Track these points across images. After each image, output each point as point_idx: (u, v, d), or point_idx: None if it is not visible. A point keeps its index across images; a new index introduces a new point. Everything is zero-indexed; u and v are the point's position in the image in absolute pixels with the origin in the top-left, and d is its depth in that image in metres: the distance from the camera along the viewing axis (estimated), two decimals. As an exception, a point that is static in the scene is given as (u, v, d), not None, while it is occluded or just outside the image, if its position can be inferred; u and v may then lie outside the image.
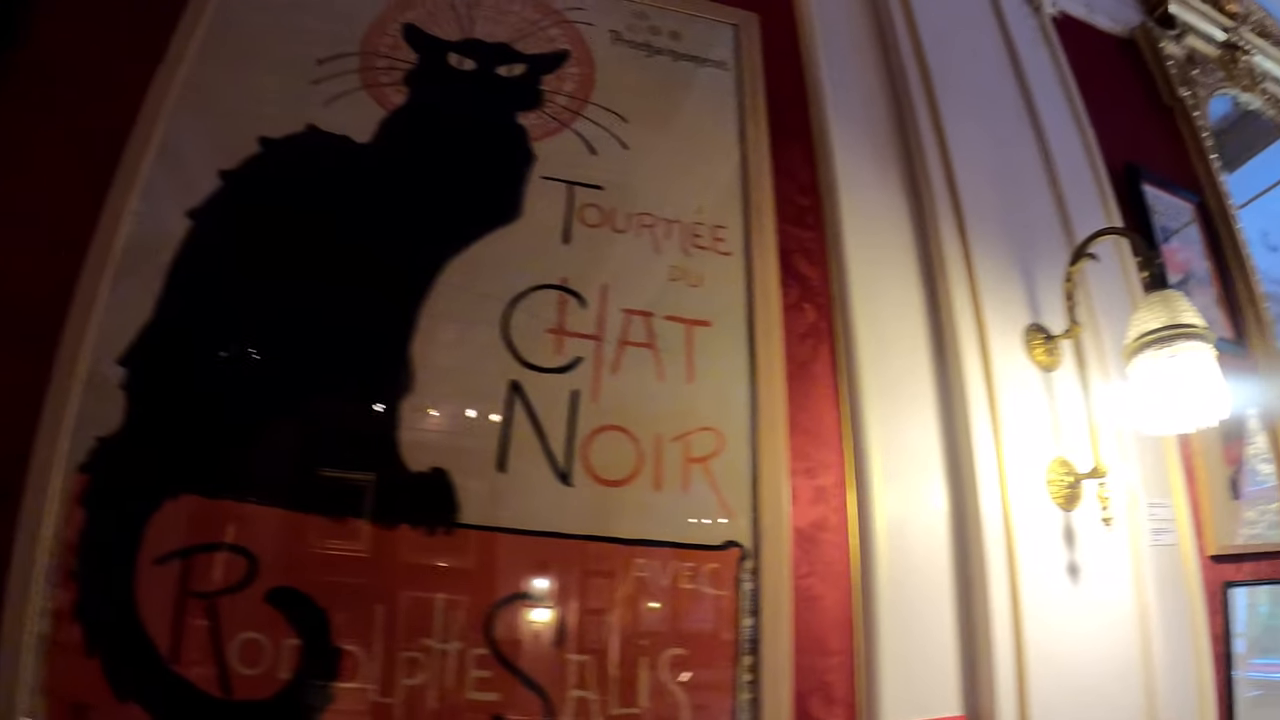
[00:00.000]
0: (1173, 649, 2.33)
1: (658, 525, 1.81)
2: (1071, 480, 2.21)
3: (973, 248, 2.32)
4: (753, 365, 1.98)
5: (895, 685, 1.87)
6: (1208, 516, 2.67)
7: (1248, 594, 2.81)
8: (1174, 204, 3.19)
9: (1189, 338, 1.94)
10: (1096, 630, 2.17)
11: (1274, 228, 3.88)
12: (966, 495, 2.09)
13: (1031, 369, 2.29)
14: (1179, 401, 1.95)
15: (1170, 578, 2.42)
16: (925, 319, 2.24)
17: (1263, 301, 3.16)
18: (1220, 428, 2.74)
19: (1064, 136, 2.83)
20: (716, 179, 2.19)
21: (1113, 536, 2.27)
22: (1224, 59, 4.04)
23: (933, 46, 2.63)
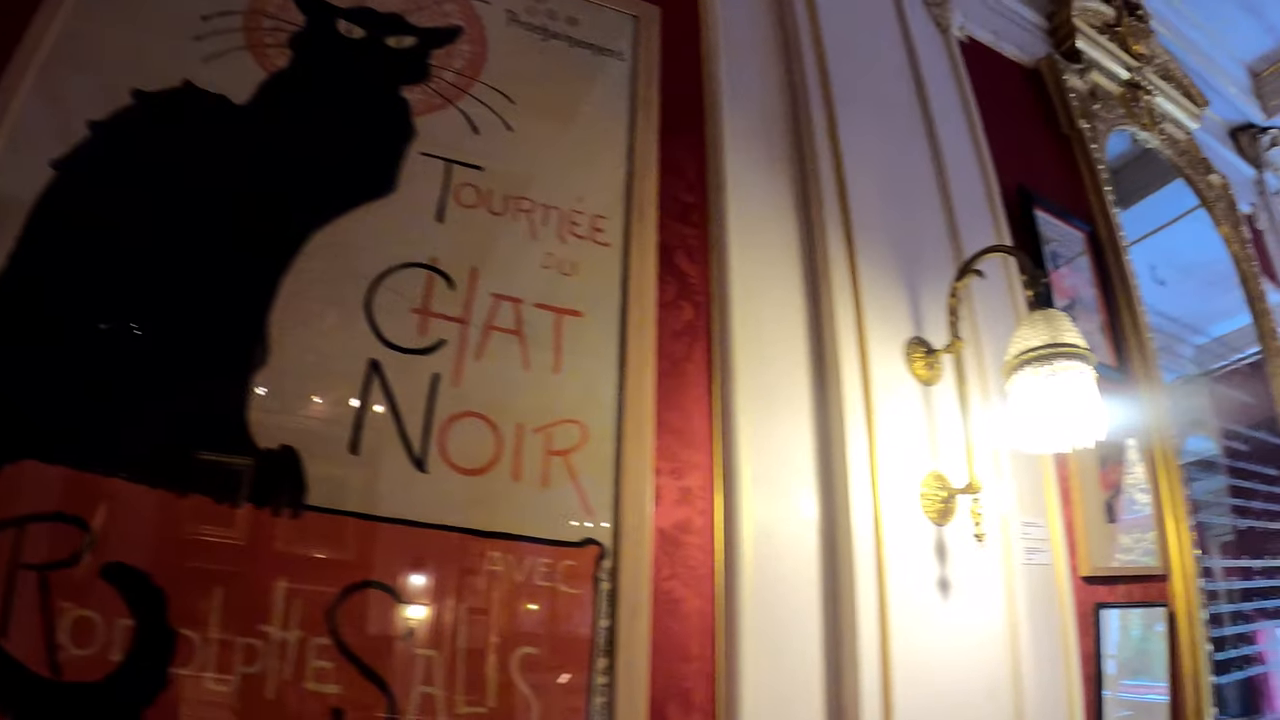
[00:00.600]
0: (1043, 667, 2.34)
1: (514, 518, 1.74)
2: (945, 495, 2.19)
3: (859, 257, 2.30)
4: (623, 360, 1.93)
5: (757, 695, 1.82)
6: (1082, 538, 2.70)
7: (1120, 616, 2.83)
8: (1066, 231, 3.23)
9: (1069, 357, 1.93)
10: (966, 646, 2.16)
11: (1163, 263, 3.95)
12: (838, 505, 2.06)
13: (911, 381, 2.27)
14: (1056, 420, 1.95)
15: (1042, 597, 2.43)
16: (806, 325, 2.21)
17: (1146, 331, 3.21)
18: (1098, 451, 2.76)
19: (960, 156, 2.84)
20: (601, 169, 2.14)
21: (985, 553, 2.26)
22: (1126, 97, 4.12)
23: (836, 56, 2.62)
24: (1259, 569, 3.81)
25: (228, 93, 1.88)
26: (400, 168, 1.94)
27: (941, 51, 3.11)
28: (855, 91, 2.61)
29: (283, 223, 1.77)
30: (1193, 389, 4.07)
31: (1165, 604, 2.95)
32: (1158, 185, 4.41)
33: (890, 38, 2.92)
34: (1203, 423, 4.02)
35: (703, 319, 2.11)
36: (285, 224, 1.78)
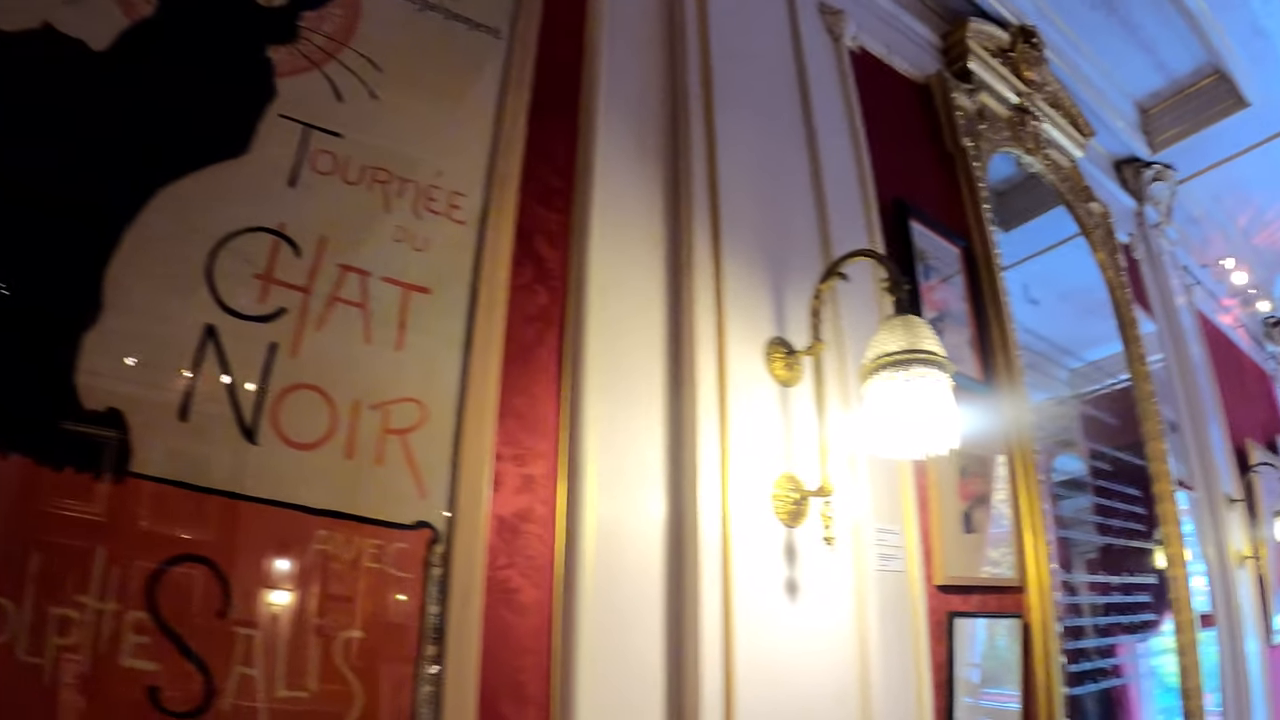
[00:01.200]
0: (893, 673, 2.35)
1: (345, 497, 1.67)
2: (798, 497, 2.19)
3: (725, 254, 2.28)
4: (469, 341, 1.87)
5: (594, 691, 1.79)
6: (938, 547, 2.73)
7: (987, 626, 2.87)
8: (941, 246, 3.27)
9: (926, 364, 1.94)
10: (814, 649, 2.15)
11: (1044, 286, 4.04)
12: (686, 501, 2.03)
13: (769, 382, 2.27)
14: (910, 426, 1.96)
15: (895, 603, 2.44)
16: (665, 318, 2.19)
17: (1015, 348, 3.26)
18: (959, 462, 2.79)
19: (840, 163, 2.85)
20: (465, 146, 2.08)
21: (836, 557, 2.26)
22: (1013, 120, 4.20)
23: (722, 53, 2.60)
24: (1117, 585, 3.92)
25: (87, 38, 1.77)
26: (257, 129, 1.85)
27: (831, 59, 3.12)
28: (738, 90, 2.60)
29: (129, 176, 1.68)
30: (1065, 410, 4.17)
31: (1020, 615, 3.01)
32: (1041, 210, 4.51)
33: (780, 41, 2.92)
34: (1073, 443, 4.12)
35: (558, 305, 2.06)
36: (132, 177, 1.69)
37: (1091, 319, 4.68)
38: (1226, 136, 5.99)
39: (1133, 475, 4.33)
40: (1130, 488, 4.26)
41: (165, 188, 1.71)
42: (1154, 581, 4.23)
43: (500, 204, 2.02)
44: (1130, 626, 4.02)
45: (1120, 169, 5.85)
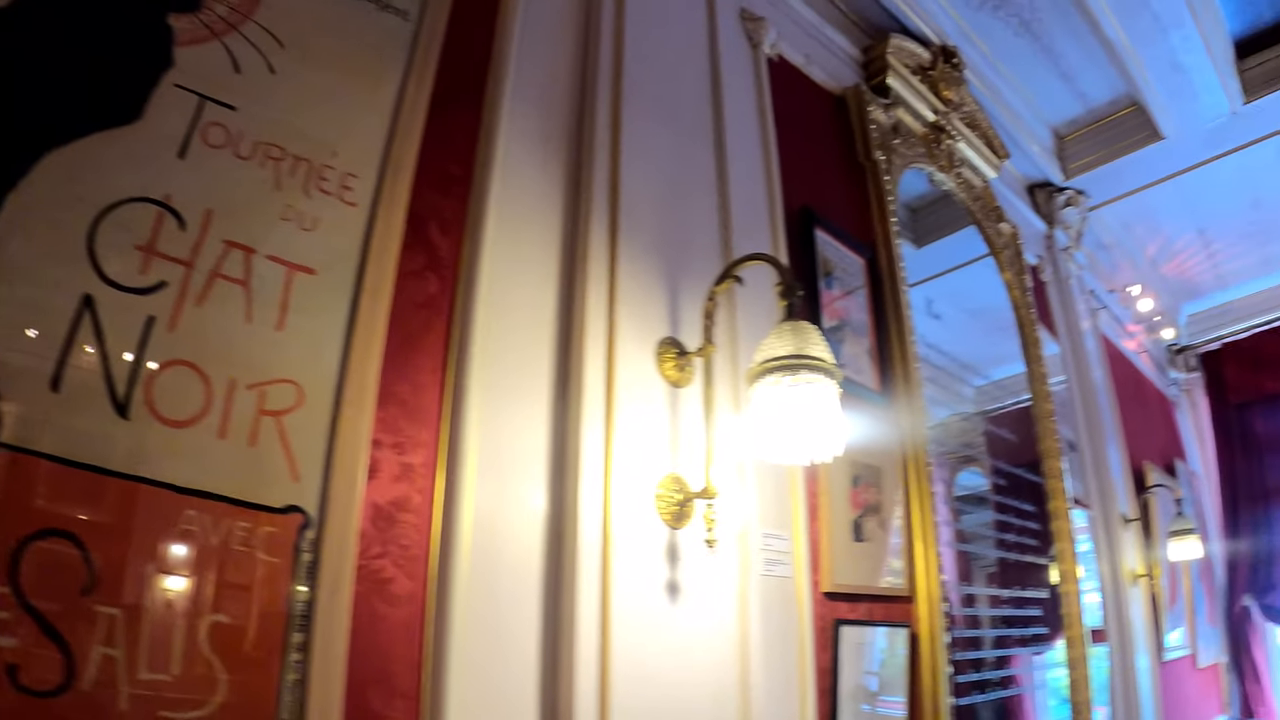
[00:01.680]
0: (775, 678, 2.36)
1: (215, 477, 1.64)
2: (682, 498, 2.20)
3: (621, 252, 2.29)
4: (352, 324, 1.85)
5: (467, 686, 1.77)
6: (826, 554, 2.75)
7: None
8: (847, 256, 3.31)
9: (814, 370, 1.95)
10: (694, 652, 2.16)
11: (950, 300, 4.10)
12: (567, 497, 2.03)
13: (659, 381, 2.27)
14: (794, 431, 1.96)
15: (779, 608, 2.46)
16: (556, 312, 2.18)
17: (914, 361, 3.31)
18: (852, 470, 2.82)
19: (747, 168, 2.87)
20: (363, 127, 2.05)
21: (720, 560, 2.27)
22: (928, 137, 4.27)
23: (635, 51, 2.61)
24: (1011, 598, 3.99)
25: (-13, -6, 1.73)
26: (150, 97, 1.81)
27: (748, 65, 3.14)
28: (649, 89, 2.61)
29: (14, 139, 1.64)
30: (969, 426, 4.24)
31: (908, 625, 3.04)
32: (955, 228, 4.59)
33: (697, 43, 2.93)
34: (976, 459, 4.19)
35: (448, 294, 2.04)
36: (16, 140, 1.64)
37: (1000, 338, 4.78)
38: (1140, 167, 6.19)
39: (1030, 492, 4.43)
40: (1027, 504, 4.35)
41: (52, 152, 1.66)
42: (1047, 596, 4.33)
43: (394, 188, 2.00)
44: (1024, 639, 4.11)
45: (1033, 192, 5.99)
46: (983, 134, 4.78)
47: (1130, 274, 7.71)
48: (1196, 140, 6.03)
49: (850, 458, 2.92)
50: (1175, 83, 5.39)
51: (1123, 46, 5.01)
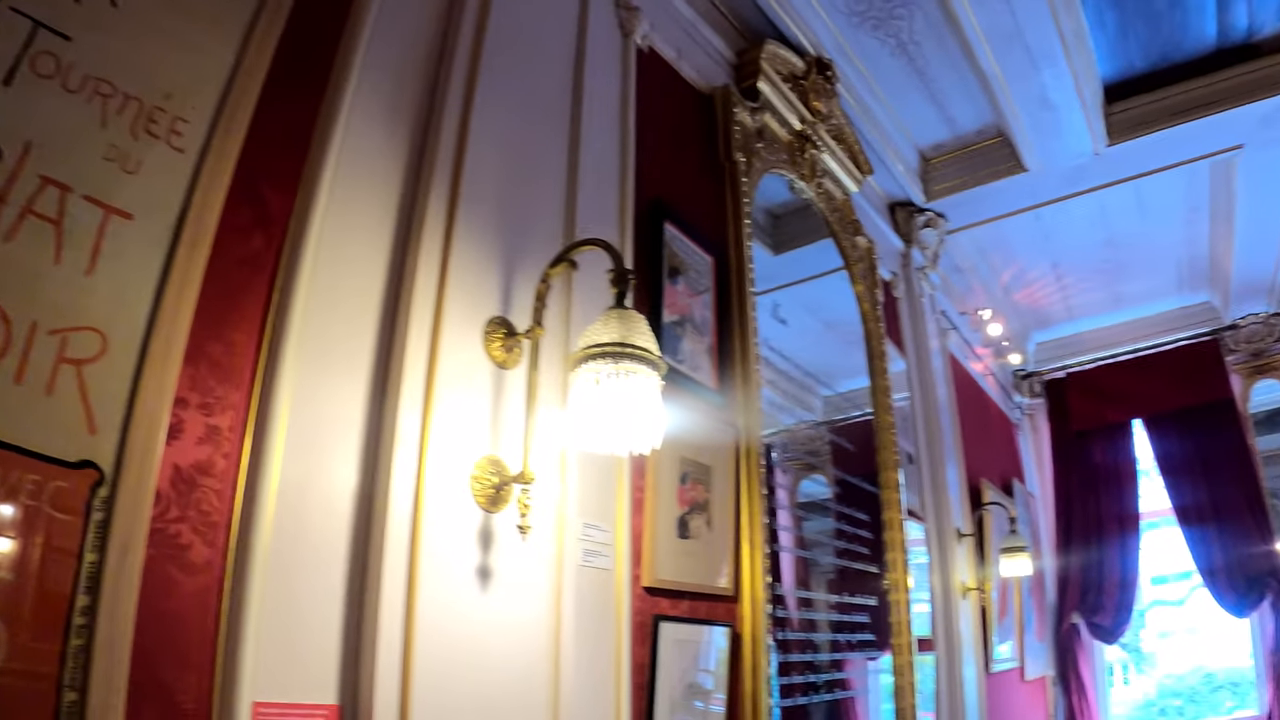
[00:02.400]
0: (589, 671, 2.37)
1: (6, 424, 1.55)
2: (498, 482, 2.18)
3: (459, 226, 2.26)
4: (166, 276, 1.78)
5: (263, 661, 1.73)
6: (649, 549, 2.75)
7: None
8: (696, 253, 3.34)
9: (637, 360, 1.96)
10: (504, 638, 2.15)
11: (798, 308, 4.17)
12: (380, 472, 2.00)
13: (485, 361, 2.26)
14: (613, 421, 1.97)
15: (596, 600, 2.46)
16: (385, 282, 2.14)
17: (754, 363, 3.35)
18: (681, 467, 2.84)
19: (602, 155, 2.88)
20: (202, 71, 1.96)
21: (535, 548, 2.26)
22: (793, 145, 4.34)
23: (500, 25, 2.57)
24: (842, 604, 4.07)
25: None
26: (-20, 17, 1.72)
27: (616, 53, 3.15)
28: (509, 64, 2.59)
29: None
30: (816, 434, 4.32)
31: (731, 625, 3.07)
32: (815, 238, 4.68)
33: (565, 25, 2.92)
34: (820, 467, 4.28)
35: (273, 253, 1.98)
36: None
37: (852, 350, 4.89)
38: (1001, 196, 6.41)
39: (867, 502, 4.54)
40: (863, 514, 4.46)
41: None
42: (876, 604, 4.44)
43: (226, 137, 1.93)
44: (855, 645, 4.20)
45: (894, 210, 6.15)
46: (848, 148, 4.88)
47: (983, 298, 7.99)
48: (1058, 176, 6.27)
49: (680, 454, 2.94)
50: (1043, 119, 5.60)
51: (995, 78, 5.19)
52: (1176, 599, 13.06)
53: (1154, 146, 6.05)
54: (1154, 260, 8.23)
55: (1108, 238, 7.59)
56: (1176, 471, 9.24)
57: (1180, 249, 8.08)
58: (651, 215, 3.16)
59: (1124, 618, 9.29)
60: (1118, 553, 9.25)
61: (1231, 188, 6.83)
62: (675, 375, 2.98)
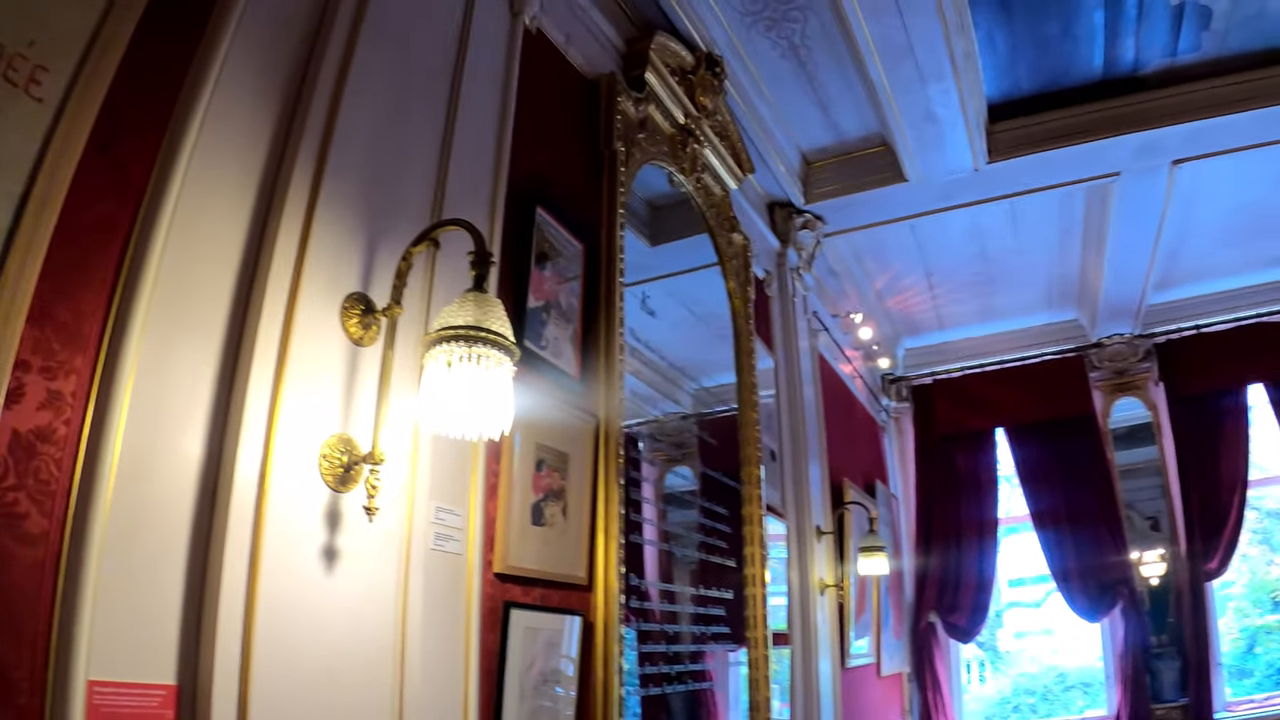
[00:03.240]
0: (437, 657, 2.38)
1: None
2: (348, 461, 2.18)
3: (323, 196, 2.24)
4: (13, 234, 1.70)
5: (100, 638, 1.69)
6: (502, 535, 2.77)
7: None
8: (567, 240, 3.37)
9: (490, 344, 1.99)
10: (349, 622, 2.15)
11: (671, 301, 4.23)
12: (227, 446, 1.97)
13: (340, 337, 2.25)
14: (463, 404, 2.00)
15: (446, 585, 2.47)
16: (243, 250, 2.10)
17: (619, 352, 3.40)
18: (537, 454, 2.87)
19: (478, 134, 2.88)
20: (69, 21, 1.87)
21: (384, 530, 2.27)
22: (675, 138, 4.41)
23: (383, -1, 2.55)
24: (700, 596, 4.15)
25: None
26: None
27: (504, 32, 3.14)
28: (391, 33, 2.56)
29: None
30: (684, 427, 4.39)
31: (583, 614, 3.11)
32: (692, 232, 4.75)
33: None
34: (686, 460, 4.35)
35: (129, 214, 1.93)
36: None
37: (723, 346, 4.97)
38: (880, 204, 6.60)
39: (728, 496, 4.63)
40: (723, 508, 4.55)
41: None
42: (731, 598, 4.53)
43: (88, 91, 1.86)
44: (714, 637, 4.29)
45: (772, 210, 6.27)
46: (731, 145, 4.96)
47: (855, 302, 8.22)
48: (937, 189, 6.48)
49: (537, 440, 2.97)
50: (926, 132, 5.79)
51: (883, 89, 5.34)
52: (1033, 601, 13.61)
53: (1033, 167, 6.31)
54: (1025, 277, 8.58)
55: (981, 252, 7.86)
56: (1036, 480, 9.62)
57: (1052, 268, 8.45)
58: (524, 199, 3.16)
59: (979, 618, 9.65)
60: (975, 555, 9.59)
61: (1105, 213, 7.16)
62: (537, 361, 3.02)
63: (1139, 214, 7.10)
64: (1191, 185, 6.96)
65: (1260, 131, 6.21)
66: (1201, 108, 5.93)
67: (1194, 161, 6.48)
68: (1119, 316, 9.21)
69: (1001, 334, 9.79)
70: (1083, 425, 9.55)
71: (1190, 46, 5.66)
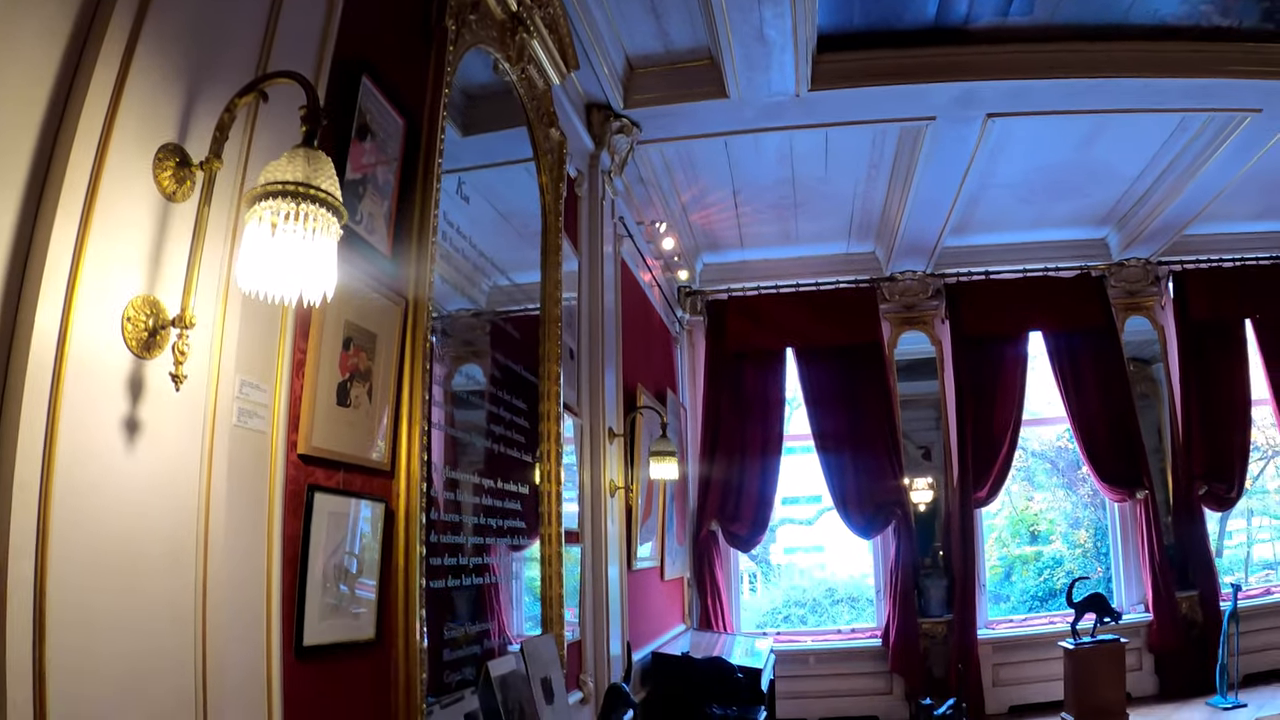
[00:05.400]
0: (240, 540, 2.30)
1: None
2: (154, 324, 2.02)
3: (146, 33, 2.04)
4: None
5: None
6: (307, 414, 2.66)
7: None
8: (389, 114, 3.25)
9: (318, 203, 1.89)
10: (152, 500, 2.02)
11: (474, 183, 4.13)
12: (24, 306, 1.78)
13: (151, 190, 2.07)
14: (283, 264, 1.89)
15: (251, 466, 2.38)
16: (51, 92, 1.89)
17: (432, 234, 3.32)
18: (345, 332, 2.77)
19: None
20: None
21: (189, 403, 2.14)
22: (505, 25, 4.32)
23: None
24: (496, 490, 4.14)
25: None
26: None
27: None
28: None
29: None
30: (480, 323, 4.32)
31: (386, 500, 3.06)
32: (508, 125, 4.67)
33: None
34: (478, 357, 4.30)
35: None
36: None
37: (527, 245, 4.94)
38: (698, 117, 6.69)
39: (525, 392, 4.62)
40: (521, 402, 4.53)
41: None
42: (528, 493, 4.55)
43: None
44: (505, 531, 4.29)
45: (590, 111, 6.26)
46: (559, 39, 4.89)
47: (661, 212, 8.36)
48: (756, 109, 6.60)
49: (345, 318, 2.85)
50: (755, 52, 5.88)
51: (718, 4, 5.38)
52: (805, 519, 14.31)
53: (853, 101, 6.53)
54: (830, 206, 8.93)
55: (791, 177, 8.10)
56: (821, 403, 10.14)
57: (856, 201, 8.84)
58: (351, 67, 3.01)
59: (759, 529, 10.16)
60: (759, 469, 10.03)
61: (915, 154, 7.53)
62: (350, 236, 2.84)
63: (947, 160, 7.51)
64: (1001, 140, 7.44)
65: (1071, 100, 6.68)
66: (1023, 68, 6.30)
67: (1007, 118, 6.91)
68: (914, 254, 9.73)
69: (800, 258, 10.18)
70: (870, 353, 10.10)
71: (1022, 10, 6.00)
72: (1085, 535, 13.16)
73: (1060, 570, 12.14)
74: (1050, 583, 12.54)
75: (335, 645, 2.75)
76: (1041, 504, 13.88)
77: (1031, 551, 13.47)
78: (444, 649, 3.52)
